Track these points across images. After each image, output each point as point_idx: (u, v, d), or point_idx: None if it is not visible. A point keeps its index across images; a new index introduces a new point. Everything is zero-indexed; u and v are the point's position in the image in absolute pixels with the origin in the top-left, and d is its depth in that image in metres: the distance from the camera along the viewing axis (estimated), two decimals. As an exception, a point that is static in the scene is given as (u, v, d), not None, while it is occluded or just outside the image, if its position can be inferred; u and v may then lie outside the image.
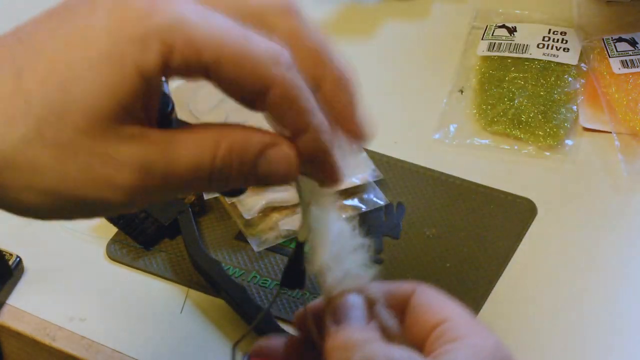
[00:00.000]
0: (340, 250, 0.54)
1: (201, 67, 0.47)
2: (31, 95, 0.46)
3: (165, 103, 0.55)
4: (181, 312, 0.76)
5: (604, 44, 0.91)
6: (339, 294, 0.53)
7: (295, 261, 0.57)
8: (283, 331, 0.72)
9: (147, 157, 0.47)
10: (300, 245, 0.56)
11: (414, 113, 0.91)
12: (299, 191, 0.53)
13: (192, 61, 0.47)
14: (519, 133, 0.86)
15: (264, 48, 0.48)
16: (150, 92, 0.48)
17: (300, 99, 0.49)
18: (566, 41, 0.93)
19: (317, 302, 0.55)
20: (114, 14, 0.46)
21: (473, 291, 0.75)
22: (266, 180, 0.51)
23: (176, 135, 0.49)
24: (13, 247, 0.78)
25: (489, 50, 0.93)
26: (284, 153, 0.50)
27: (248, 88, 0.48)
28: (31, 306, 0.77)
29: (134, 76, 0.46)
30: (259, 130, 0.50)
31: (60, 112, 0.46)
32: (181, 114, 0.85)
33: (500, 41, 0.93)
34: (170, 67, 0.47)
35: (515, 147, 0.86)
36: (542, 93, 0.88)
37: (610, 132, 0.86)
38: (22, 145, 0.46)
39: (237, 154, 0.49)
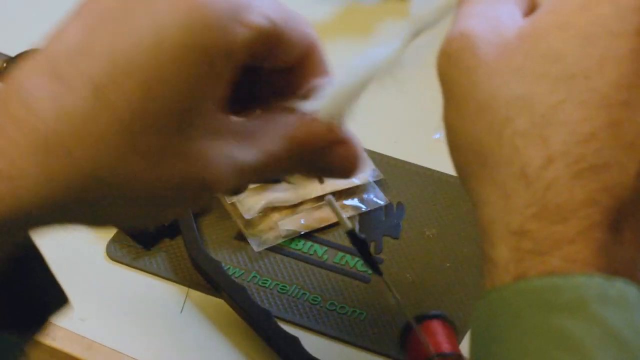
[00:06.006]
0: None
1: (275, 34, 0.47)
2: (115, 107, 0.43)
3: None
4: (181, 312, 0.75)
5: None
6: None
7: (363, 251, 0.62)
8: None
9: (232, 153, 0.46)
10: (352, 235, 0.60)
11: (414, 113, 0.91)
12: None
13: (269, 30, 0.46)
14: (519, 133, 0.86)
15: (298, 13, 0.49)
16: (229, 76, 0.46)
17: (327, 64, 0.51)
18: (566, 41, 0.92)
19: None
20: (176, 4, 0.44)
21: (473, 291, 0.75)
22: (330, 174, 0.52)
23: (249, 123, 0.48)
24: (13, 247, 0.78)
25: (489, 50, 0.93)
26: (348, 152, 0.51)
27: (297, 48, 0.49)
28: (31, 306, 0.76)
29: (221, 62, 0.45)
30: (325, 124, 0.50)
31: (148, 119, 0.43)
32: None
33: (500, 41, 0.93)
34: (252, 45, 0.46)
35: (515, 147, 0.86)
36: (542, 93, 0.88)
37: (610, 132, 0.86)
38: (115, 161, 0.43)
39: (304, 148, 0.49)
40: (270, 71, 0.52)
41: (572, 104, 0.40)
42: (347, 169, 0.52)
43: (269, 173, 0.50)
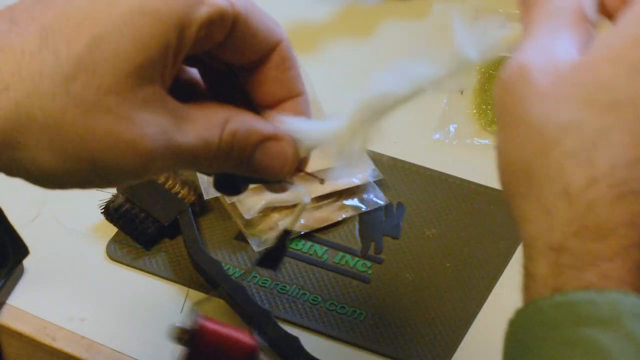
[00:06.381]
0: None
1: (234, 18, 0.48)
2: (59, 52, 0.45)
3: None
4: (181, 312, 0.75)
5: (604, 44, 0.91)
6: None
7: (278, 247, 0.61)
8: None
9: (168, 130, 0.47)
10: (286, 233, 0.59)
11: (414, 113, 0.90)
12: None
13: (228, 12, 0.48)
14: (519, 133, 0.86)
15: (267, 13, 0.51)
16: (180, 51, 0.47)
17: (296, 60, 0.52)
18: (566, 41, 0.92)
19: None
20: None
21: (473, 291, 0.75)
22: (259, 172, 0.52)
23: (189, 108, 0.49)
24: (13, 247, 0.78)
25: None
26: (281, 149, 0.52)
27: (263, 41, 0.51)
28: (31, 306, 0.76)
29: (174, 33, 0.46)
30: (264, 121, 0.52)
31: (89, 70, 0.45)
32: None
33: (500, 41, 0.93)
34: (209, 24, 0.47)
35: (515, 147, 0.86)
36: (542, 93, 0.88)
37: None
38: (48, 102, 0.45)
39: (238, 140, 0.50)
40: (240, 72, 0.53)
41: (620, 130, 0.42)
42: (275, 168, 0.52)
43: (205, 163, 0.50)
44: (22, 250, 0.77)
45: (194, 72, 0.55)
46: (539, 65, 0.45)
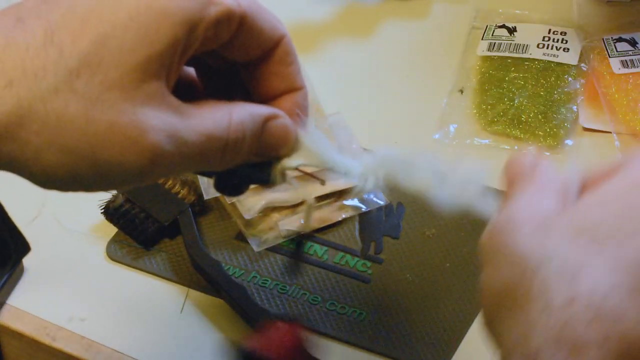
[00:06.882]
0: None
1: (242, 17, 0.49)
2: (64, 47, 0.45)
3: None
4: (181, 312, 0.76)
5: (604, 44, 0.91)
6: None
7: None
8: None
9: (170, 123, 0.47)
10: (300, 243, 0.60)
11: (414, 113, 0.91)
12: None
13: (236, 12, 0.49)
14: (519, 133, 0.86)
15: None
16: (187, 50, 0.48)
17: (296, 55, 0.54)
18: (566, 41, 0.93)
19: None
20: None
21: (473, 291, 0.75)
22: (267, 153, 0.53)
23: (190, 106, 0.49)
24: (13, 247, 0.78)
25: (489, 50, 0.93)
26: (282, 123, 0.53)
27: (267, 38, 0.52)
28: (31, 306, 0.77)
29: (182, 30, 0.46)
30: (258, 105, 0.53)
31: (93, 65, 0.45)
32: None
33: (500, 41, 0.93)
34: (218, 23, 0.48)
35: (515, 147, 0.86)
36: (542, 93, 0.88)
37: (610, 132, 0.86)
38: (51, 96, 0.45)
39: (248, 127, 0.51)
40: (241, 68, 0.54)
41: (602, 260, 0.45)
42: (280, 145, 0.53)
43: (215, 160, 0.50)
44: (23, 248, 0.77)
45: (190, 70, 0.55)
46: (526, 214, 0.48)
